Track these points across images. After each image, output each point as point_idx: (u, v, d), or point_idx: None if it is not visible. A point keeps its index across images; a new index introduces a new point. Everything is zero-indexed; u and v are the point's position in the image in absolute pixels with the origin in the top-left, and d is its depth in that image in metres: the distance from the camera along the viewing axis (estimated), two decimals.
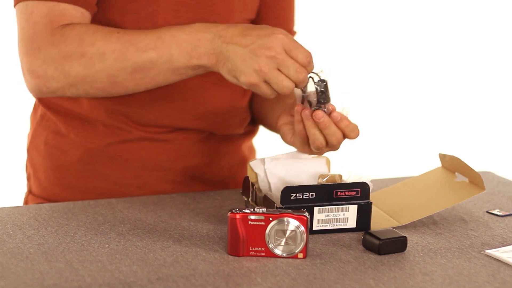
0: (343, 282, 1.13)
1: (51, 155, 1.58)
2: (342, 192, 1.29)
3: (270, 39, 1.30)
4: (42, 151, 1.59)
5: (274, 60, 1.30)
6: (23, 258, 1.18)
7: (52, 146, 1.57)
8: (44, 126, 1.59)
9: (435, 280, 1.14)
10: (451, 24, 3.37)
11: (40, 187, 1.60)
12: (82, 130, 1.55)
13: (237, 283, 1.12)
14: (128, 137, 1.54)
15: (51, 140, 1.57)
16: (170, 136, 1.56)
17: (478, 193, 1.35)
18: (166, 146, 1.56)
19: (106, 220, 1.34)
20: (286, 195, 1.27)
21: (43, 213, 1.37)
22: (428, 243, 1.27)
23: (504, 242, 1.29)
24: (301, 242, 1.19)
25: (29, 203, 1.63)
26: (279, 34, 1.31)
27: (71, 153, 1.55)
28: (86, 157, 1.55)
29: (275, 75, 1.30)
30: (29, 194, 1.64)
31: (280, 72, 1.30)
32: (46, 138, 1.58)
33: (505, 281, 1.14)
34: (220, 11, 1.52)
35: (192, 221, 1.35)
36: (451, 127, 3.41)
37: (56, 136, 1.57)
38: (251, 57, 1.30)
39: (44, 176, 1.59)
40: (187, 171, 1.57)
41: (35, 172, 1.62)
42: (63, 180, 1.57)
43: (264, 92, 1.32)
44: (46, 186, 1.59)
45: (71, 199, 1.54)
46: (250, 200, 1.36)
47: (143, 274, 1.14)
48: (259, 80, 1.31)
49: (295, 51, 1.31)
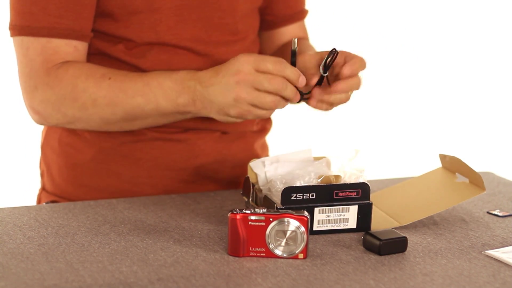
0: (344, 282, 1.13)
1: (65, 153, 1.59)
2: (342, 193, 1.29)
3: (235, 65, 1.33)
4: (56, 149, 1.60)
5: (246, 83, 1.32)
6: (24, 258, 1.18)
7: (66, 144, 1.58)
8: None
9: (436, 281, 1.14)
10: (451, 24, 3.37)
11: (54, 184, 1.62)
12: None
13: (238, 284, 1.12)
14: (141, 137, 1.55)
15: (65, 138, 1.58)
16: (182, 136, 1.56)
17: (479, 194, 1.35)
18: (179, 146, 1.56)
19: (107, 221, 1.34)
20: (287, 195, 1.27)
21: (44, 214, 1.37)
22: (429, 243, 1.28)
23: (505, 242, 1.29)
24: (302, 242, 1.19)
25: (42, 200, 1.65)
26: (241, 57, 1.33)
27: (85, 152, 1.56)
28: (99, 156, 1.56)
29: (255, 96, 1.32)
30: (42, 191, 1.65)
31: (259, 91, 1.32)
32: (60, 136, 1.59)
33: (505, 282, 1.14)
34: (224, 7, 1.53)
35: (192, 222, 1.35)
36: (452, 128, 3.41)
37: (70, 134, 1.58)
38: (227, 89, 1.33)
39: (58, 173, 1.60)
40: (200, 171, 1.58)
41: (49, 169, 1.63)
42: (76, 178, 1.58)
43: (259, 115, 1.35)
44: (60, 183, 1.61)
45: (84, 197, 1.56)
46: (250, 201, 1.36)
47: (143, 274, 1.14)
48: (246, 107, 1.33)
49: (263, 64, 1.32)
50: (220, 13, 1.53)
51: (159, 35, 1.49)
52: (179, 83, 1.39)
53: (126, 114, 1.44)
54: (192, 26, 1.51)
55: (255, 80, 1.32)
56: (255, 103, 1.33)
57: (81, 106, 1.44)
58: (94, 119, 1.46)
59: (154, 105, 1.42)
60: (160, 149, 1.56)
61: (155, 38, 1.50)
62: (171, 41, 1.50)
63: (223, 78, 1.34)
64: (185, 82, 1.39)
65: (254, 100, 1.33)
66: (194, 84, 1.38)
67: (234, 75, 1.33)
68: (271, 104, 1.33)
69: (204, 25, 1.52)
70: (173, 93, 1.40)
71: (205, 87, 1.37)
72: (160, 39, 1.50)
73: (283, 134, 1.74)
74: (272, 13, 1.65)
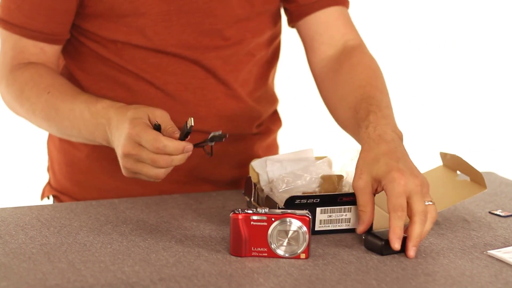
0: (346, 282, 1.13)
1: (64, 150, 1.61)
2: (347, 198, 1.28)
3: (122, 136, 1.30)
4: (57, 145, 1.63)
5: (130, 158, 1.30)
6: (26, 258, 1.18)
7: (65, 140, 1.60)
8: None
9: (438, 281, 1.14)
10: (452, 24, 3.37)
11: (55, 180, 1.65)
12: None
13: (240, 284, 1.12)
14: None
15: None
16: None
17: (480, 192, 1.35)
18: None
19: (109, 221, 1.34)
20: (290, 203, 1.26)
21: (46, 214, 1.37)
22: (431, 243, 1.27)
23: (507, 242, 1.28)
24: (304, 242, 1.19)
25: (45, 193, 1.68)
26: (127, 130, 1.29)
27: (81, 149, 1.58)
28: (93, 154, 1.57)
29: (139, 168, 1.30)
30: (47, 184, 1.68)
31: (144, 164, 1.29)
32: None
33: (507, 282, 1.14)
34: (216, 12, 1.51)
35: (194, 222, 1.35)
36: (453, 128, 3.41)
37: None
38: (120, 155, 1.32)
39: (58, 169, 1.63)
40: (193, 172, 1.57)
41: (52, 165, 1.66)
42: (73, 175, 1.60)
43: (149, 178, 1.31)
44: (60, 179, 1.63)
45: (80, 194, 1.57)
46: (252, 201, 1.36)
47: (145, 274, 1.14)
48: (133, 175, 1.32)
49: (143, 143, 1.28)
50: (211, 19, 1.50)
51: (147, 39, 1.49)
52: (95, 119, 1.38)
53: (59, 132, 1.50)
54: (181, 32, 1.50)
55: (138, 157, 1.29)
56: (142, 175, 1.31)
57: (26, 112, 1.50)
58: (39, 124, 1.52)
59: (77, 131, 1.43)
60: None
61: (144, 42, 1.49)
62: (158, 46, 1.50)
63: (117, 141, 1.32)
64: (99, 118, 1.38)
65: (141, 173, 1.30)
66: (106, 122, 1.36)
67: (121, 147, 1.30)
68: (157, 177, 1.30)
69: (194, 30, 1.50)
70: (90, 126, 1.40)
71: (110, 134, 1.35)
72: (149, 43, 1.49)
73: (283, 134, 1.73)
74: (294, 1, 1.57)
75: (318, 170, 1.36)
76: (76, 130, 1.43)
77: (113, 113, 1.36)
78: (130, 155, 1.29)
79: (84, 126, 1.41)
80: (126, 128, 1.30)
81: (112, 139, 1.35)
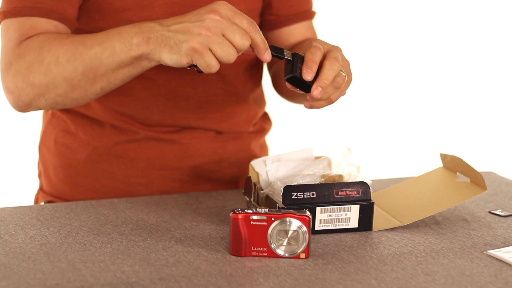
0: (346, 282, 1.13)
1: (60, 153, 1.59)
2: (342, 192, 1.29)
3: (213, 6, 1.26)
4: (52, 149, 1.60)
5: (219, 25, 1.24)
6: (26, 258, 1.18)
7: (61, 144, 1.59)
8: (54, 124, 1.61)
9: (437, 281, 1.14)
10: (452, 24, 3.37)
11: (50, 184, 1.62)
12: (90, 129, 1.56)
13: (239, 283, 1.12)
14: (135, 136, 1.55)
15: (60, 138, 1.59)
16: (176, 136, 1.56)
17: (480, 193, 1.35)
18: (173, 145, 1.56)
19: (109, 220, 1.34)
20: (287, 194, 1.27)
21: (46, 213, 1.37)
22: (430, 243, 1.28)
23: (506, 242, 1.29)
24: (303, 242, 1.19)
25: (39, 200, 1.65)
26: (222, 4, 1.26)
27: (80, 152, 1.57)
28: (94, 156, 1.56)
29: (220, 41, 1.24)
30: (39, 191, 1.66)
31: (225, 38, 1.24)
32: (56, 136, 1.59)
33: (507, 282, 1.14)
34: None
35: (194, 221, 1.35)
36: (453, 128, 3.41)
37: (65, 134, 1.58)
38: (195, 25, 1.25)
39: (54, 174, 1.61)
40: (195, 170, 1.58)
41: (46, 169, 1.64)
42: (72, 178, 1.59)
43: (207, 62, 1.25)
44: (56, 184, 1.61)
45: (80, 197, 1.56)
46: (252, 200, 1.36)
47: (145, 274, 1.14)
48: (202, 47, 1.24)
49: (239, 17, 1.25)
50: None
51: None
52: (138, 26, 1.31)
53: (85, 68, 1.34)
54: None
55: (229, 28, 1.24)
56: (216, 49, 1.24)
57: (46, 69, 1.36)
58: (59, 82, 1.36)
59: (110, 51, 1.32)
60: (153, 148, 1.56)
61: None
62: None
63: (193, 16, 1.26)
64: (144, 24, 1.31)
65: (217, 44, 1.24)
66: (153, 24, 1.30)
67: (211, 12, 1.25)
68: (230, 57, 1.25)
69: None
70: (129, 34, 1.31)
71: (165, 26, 1.28)
72: None
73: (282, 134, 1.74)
74: (274, 13, 1.64)
75: (318, 170, 1.36)
76: (108, 50, 1.32)
77: (166, 18, 1.30)
78: (220, 15, 1.24)
79: (119, 39, 1.31)
80: (213, 12, 1.24)
81: (165, 33, 1.27)
